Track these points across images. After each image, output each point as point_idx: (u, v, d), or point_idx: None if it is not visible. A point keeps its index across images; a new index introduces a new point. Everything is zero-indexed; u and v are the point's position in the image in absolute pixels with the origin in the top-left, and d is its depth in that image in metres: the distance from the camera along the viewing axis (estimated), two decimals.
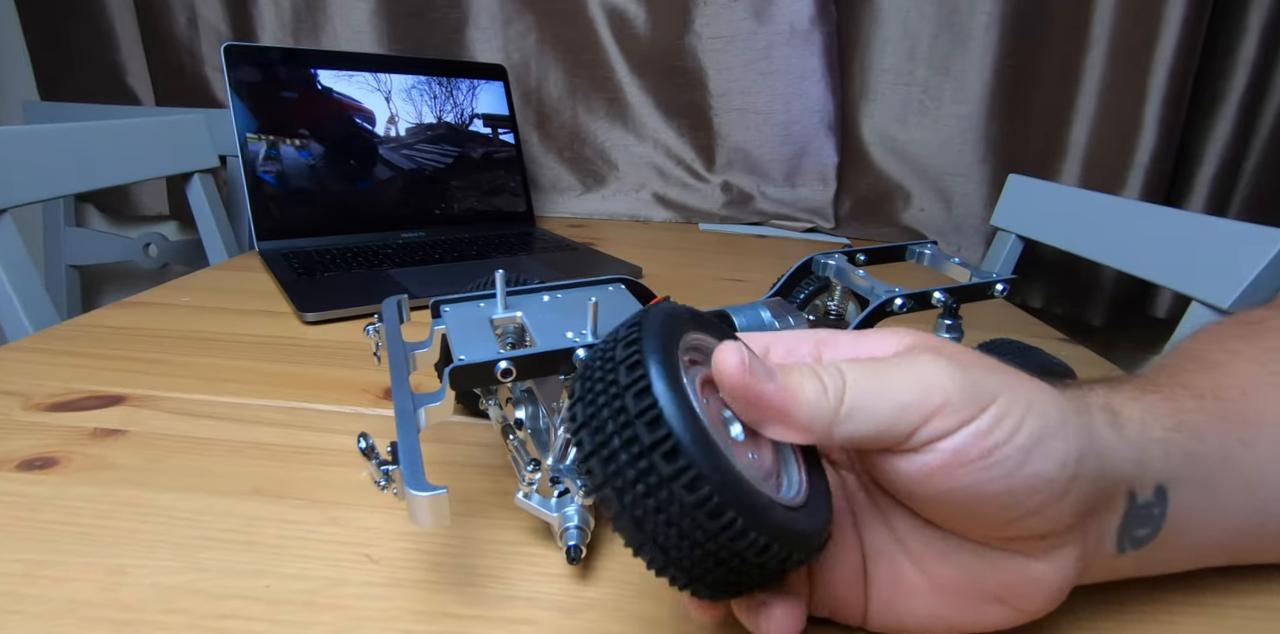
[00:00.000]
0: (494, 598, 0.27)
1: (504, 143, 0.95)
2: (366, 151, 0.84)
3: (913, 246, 0.43)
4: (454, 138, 0.91)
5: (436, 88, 0.90)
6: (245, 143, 0.77)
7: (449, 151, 0.90)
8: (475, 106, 0.93)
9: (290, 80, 0.80)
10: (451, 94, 0.91)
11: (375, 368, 0.48)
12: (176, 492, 0.33)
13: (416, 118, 0.88)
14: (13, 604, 0.26)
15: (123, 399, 0.42)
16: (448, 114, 0.91)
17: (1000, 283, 0.37)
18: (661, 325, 0.20)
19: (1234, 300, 0.56)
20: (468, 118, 0.92)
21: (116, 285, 1.31)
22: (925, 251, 0.42)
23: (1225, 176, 0.96)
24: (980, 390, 0.20)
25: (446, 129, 0.90)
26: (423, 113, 0.88)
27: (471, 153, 0.92)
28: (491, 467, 0.37)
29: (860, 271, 0.39)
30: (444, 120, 0.90)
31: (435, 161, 0.89)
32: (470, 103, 0.93)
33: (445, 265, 0.73)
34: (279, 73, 0.79)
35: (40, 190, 0.70)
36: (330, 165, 0.82)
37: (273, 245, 0.77)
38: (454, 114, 0.91)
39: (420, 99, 0.88)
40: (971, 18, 0.97)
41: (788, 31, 1.00)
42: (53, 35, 1.12)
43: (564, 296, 0.34)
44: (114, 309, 0.58)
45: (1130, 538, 0.24)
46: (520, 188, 0.96)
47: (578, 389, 0.20)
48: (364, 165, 0.84)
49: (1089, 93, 0.95)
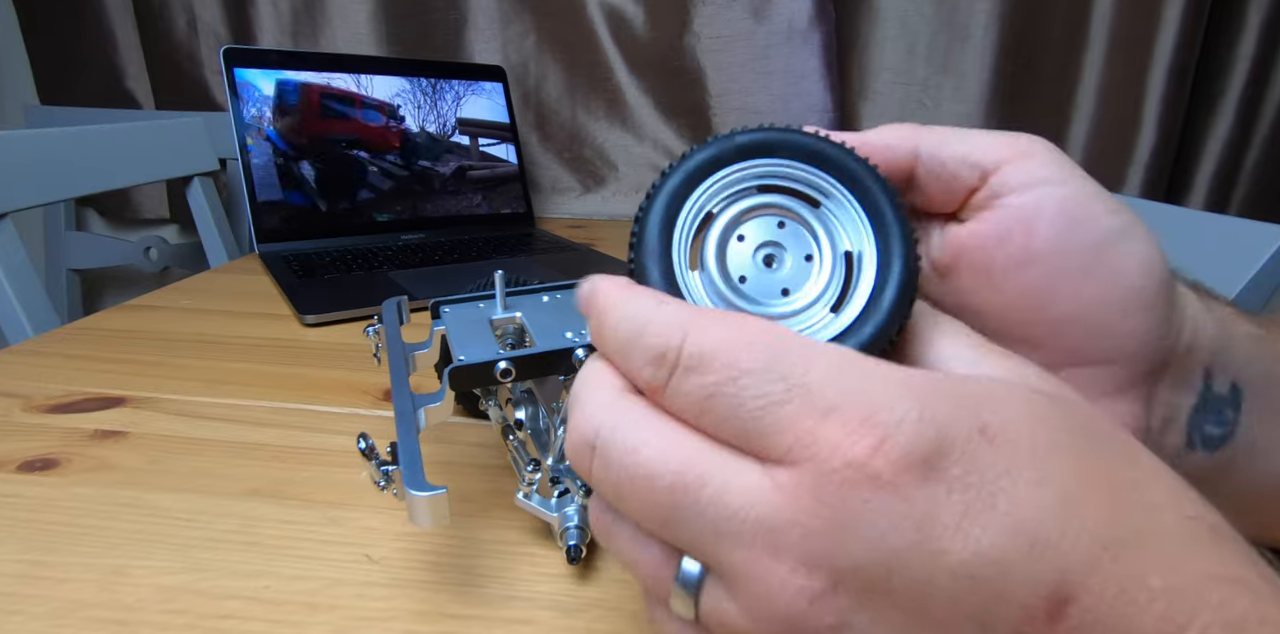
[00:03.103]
0: (494, 598, 0.27)
1: (503, 144, 0.95)
2: (366, 153, 0.84)
3: None
4: (453, 139, 0.91)
5: (436, 89, 0.90)
6: (245, 145, 0.77)
7: (448, 153, 0.90)
8: (474, 108, 0.93)
9: (289, 83, 0.80)
10: (451, 95, 0.91)
11: (375, 369, 0.48)
12: (177, 492, 0.33)
13: (415, 119, 0.88)
14: (13, 604, 0.26)
15: (123, 401, 0.42)
16: (446, 115, 0.91)
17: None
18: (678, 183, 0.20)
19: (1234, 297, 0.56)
20: (467, 119, 0.92)
21: (117, 289, 1.31)
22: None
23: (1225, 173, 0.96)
24: (1075, 169, 0.20)
25: (445, 130, 0.90)
26: (422, 114, 0.89)
27: (471, 154, 0.92)
28: (491, 467, 0.37)
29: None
30: (443, 122, 0.90)
31: (435, 163, 0.89)
32: (469, 104, 0.93)
33: (445, 267, 0.73)
34: (278, 75, 0.80)
35: (41, 194, 0.70)
36: (330, 167, 0.82)
37: (273, 248, 0.77)
38: (453, 115, 0.91)
39: (419, 100, 0.88)
40: (970, 16, 0.97)
41: (786, 31, 1.00)
42: (53, 39, 1.12)
43: (563, 297, 0.34)
44: (115, 312, 0.58)
45: (1201, 434, 0.22)
46: (520, 189, 0.96)
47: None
48: (364, 167, 0.84)
49: (1088, 91, 0.95)
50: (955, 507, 0.14)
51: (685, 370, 0.16)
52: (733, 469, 0.15)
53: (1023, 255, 0.20)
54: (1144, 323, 0.20)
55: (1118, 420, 0.21)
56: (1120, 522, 0.14)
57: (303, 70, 0.81)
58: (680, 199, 0.19)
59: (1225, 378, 0.22)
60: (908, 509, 0.14)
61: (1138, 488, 0.15)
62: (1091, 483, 0.14)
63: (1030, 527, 0.13)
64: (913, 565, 0.14)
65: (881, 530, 0.14)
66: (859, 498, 0.14)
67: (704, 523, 0.15)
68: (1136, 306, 0.20)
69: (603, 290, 0.18)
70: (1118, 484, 0.14)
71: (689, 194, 0.19)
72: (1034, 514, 0.14)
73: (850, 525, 0.14)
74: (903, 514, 0.14)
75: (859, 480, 0.14)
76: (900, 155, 0.21)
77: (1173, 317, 0.21)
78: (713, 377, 0.15)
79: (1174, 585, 0.13)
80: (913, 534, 0.14)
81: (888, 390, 0.14)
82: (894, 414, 0.14)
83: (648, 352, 0.16)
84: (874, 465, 0.14)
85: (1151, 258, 0.20)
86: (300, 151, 0.80)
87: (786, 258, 0.19)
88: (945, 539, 0.13)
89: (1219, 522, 0.15)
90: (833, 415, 0.14)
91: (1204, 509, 0.15)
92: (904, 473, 0.14)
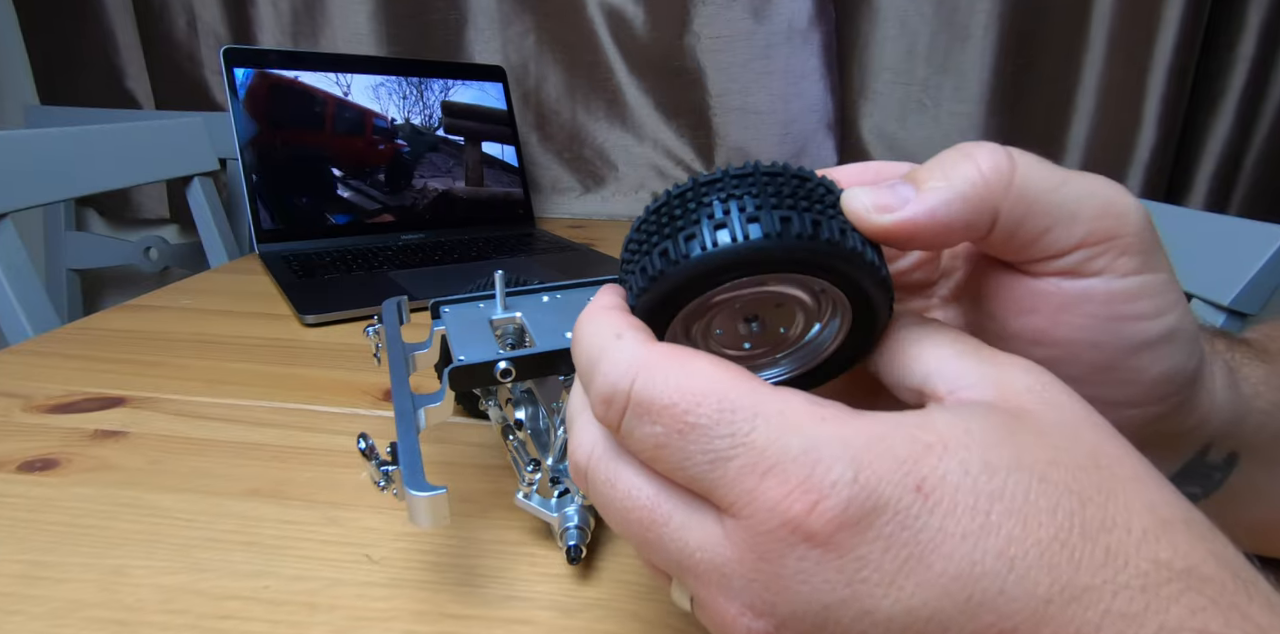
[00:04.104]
0: (494, 598, 0.27)
1: (503, 144, 0.95)
2: (366, 153, 0.84)
3: None
4: (452, 139, 0.91)
5: (435, 89, 0.90)
6: (245, 145, 0.77)
7: (448, 153, 0.90)
8: (474, 108, 0.93)
9: (289, 83, 0.80)
10: (450, 96, 0.91)
11: (375, 369, 0.48)
12: (177, 492, 0.33)
13: (414, 119, 0.88)
14: (14, 604, 0.26)
15: (123, 401, 0.42)
16: (446, 116, 0.91)
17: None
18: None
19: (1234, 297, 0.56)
20: (466, 119, 0.92)
21: (117, 289, 1.31)
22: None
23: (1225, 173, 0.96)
24: (1157, 253, 0.18)
25: (444, 131, 0.90)
26: (421, 115, 0.89)
27: (471, 154, 0.92)
28: (491, 467, 0.37)
29: None
30: (442, 122, 0.90)
31: (434, 163, 0.89)
32: (469, 104, 0.93)
33: (445, 267, 0.73)
34: (278, 75, 0.80)
35: (41, 194, 0.70)
36: (330, 167, 0.82)
37: (273, 248, 0.77)
38: (452, 116, 0.91)
39: (418, 101, 0.88)
40: (970, 16, 0.97)
41: (786, 31, 1.00)
42: (53, 39, 1.12)
43: (563, 297, 0.34)
44: (114, 312, 0.58)
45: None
46: (520, 189, 0.96)
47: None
48: (364, 167, 0.84)
49: (1088, 90, 0.95)
50: (888, 565, 0.14)
51: (635, 416, 0.16)
52: (691, 511, 0.16)
53: (1044, 335, 0.19)
54: (1146, 413, 0.20)
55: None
56: (1070, 571, 0.14)
57: (303, 70, 0.81)
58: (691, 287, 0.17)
59: (1224, 449, 0.22)
60: (840, 567, 0.14)
61: (1106, 529, 0.14)
62: (1037, 531, 0.14)
63: (965, 583, 0.14)
64: (845, 617, 0.14)
65: (814, 586, 0.14)
66: (794, 555, 0.14)
67: (669, 554, 0.16)
68: (1144, 400, 0.19)
69: (590, 303, 0.19)
70: (1082, 527, 0.14)
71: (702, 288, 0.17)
72: (969, 570, 0.14)
73: (786, 579, 0.15)
74: (835, 570, 0.14)
75: (794, 539, 0.14)
76: (976, 230, 0.18)
77: (1181, 412, 0.20)
78: (660, 427, 0.16)
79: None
80: (844, 590, 0.14)
81: (826, 450, 0.14)
82: (830, 475, 0.14)
83: (600, 389, 0.17)
84: (809, 525, 0.14)
85: (1177, 356, 0.19)
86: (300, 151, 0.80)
87: (766, 324, 0.20)
88: (878, 596, 0.14)
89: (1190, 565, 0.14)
90: (772, 475, 0.14)
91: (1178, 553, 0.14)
92: (838, 532, 0.14)
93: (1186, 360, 0.19)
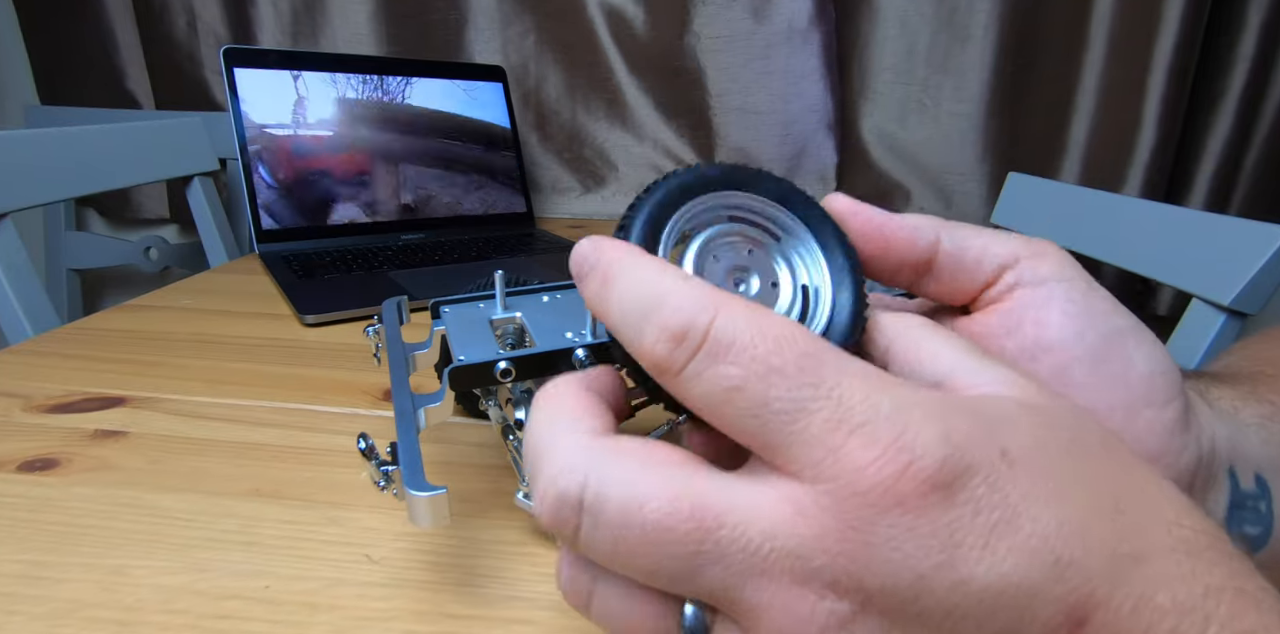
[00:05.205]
0: (494, 598, 0.27)
1: (504, 144, 0.95)
2: (366, 153, 0.84)
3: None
4: (452, 139, 0.91)
5: (434, 89, 0.90)
6: (245, 145, 0.77)
7: (448, 153, 0.90)
8: (474, 108, 0.93)
9: (289, 83, 0.80)
10: (450, 95, 0.91)
11: (375, 369, 0.48)
12: (177, 492, 0.33)
13: (414, 119, 0.88)
14: (14, 604, 0.26)
15: (123, 401, 0.42)
16: (446, 115, 0.91)
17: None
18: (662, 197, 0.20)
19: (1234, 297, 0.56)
20: (467, 119, 0.92)
21: (117, 289, 1.31)
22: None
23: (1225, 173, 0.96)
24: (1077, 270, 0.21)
25: (444, 130, 0.90)
26: (421, 114, 0.88)
27: (471, 154, 0.92)
28: (491, 467, 0.37)
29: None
30: (442, 122, 0.90)
31: (435, 163, 0.89)
32: (469, 104, 0.93)
33: (445, 267, 0.73)
34: (278, 75, 0.80)
35: (41, 194, 0.70)
36: (330, 167, 0.82)
37: (273, 248, 0.77)
38: (452, 115, 0.91)
39: (418, 100, 0.88)
40: (970, 16, 0.97)
41: (786, 31, 1.00)
42: (53, 39, 1.12)
43: (563, 297, 0.34)
44: (114, 312, 0.58)
45: (1244, 537, 0.22)
46: (520, 189, 0.96)
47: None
48: (363, 167, 0.84)
49: (1088, 90, 0.95)
50: (980, 529, 0.14)
51: (709, 356, 0.15)
52: (746, 502, 0.14)
53: (1034, 345, 0.20)
54: (1160, 419, 0.20)
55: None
56: (1128, 537, 0.14)
57: (303, 70, 0.81)
58: (664, 215, 0.20)
59: (1249, 471, 0.22)
60: (933, 531, 0.13)
61: (1139, 502, 0.15)
62: (1099, 500, 0.14)
63: (1054, 545, 0.14)
64: (939, 587, 0.14)
65: (907, 553, 0.14)
66: (885, 521, 0.14)
67: (726, 565, 0.14)
68: (1146, 402, 0.20)
69: (610, 251, 0.17)
70: (1121, 499, 0.15)
71: (671, 214, 0.20)
72: (1057, 533, 0.14)
73: (877, 547, 0.14)
74: (929, 536, 0.13)
75: (886, 503, 0.14)
76: (924, 241, 0.21)
77: (1189, 419, 0.20)
78: (739, 369, 0.14)
79: (1182, 600, 0.14)
80: (939, 556, 0.13)
81: (917, 412, 0.14)
82: (921, 437, 0.14)
83: (666, 326, 0.15)
84: (900, 488, 0.13)
85: (1159, 355, 0.20)
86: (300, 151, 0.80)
87: (754, 282, 0.20)
88: (972, 561, 0.13)
89: (1217, 533, 0.15)
90: (860, 434, 0.14)
91: (1202, 521, 0.15)
92: (930, 495, 0.13)
93: (1167, 358, 0.20)
